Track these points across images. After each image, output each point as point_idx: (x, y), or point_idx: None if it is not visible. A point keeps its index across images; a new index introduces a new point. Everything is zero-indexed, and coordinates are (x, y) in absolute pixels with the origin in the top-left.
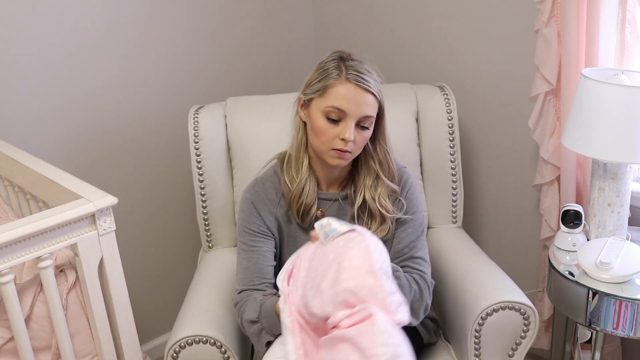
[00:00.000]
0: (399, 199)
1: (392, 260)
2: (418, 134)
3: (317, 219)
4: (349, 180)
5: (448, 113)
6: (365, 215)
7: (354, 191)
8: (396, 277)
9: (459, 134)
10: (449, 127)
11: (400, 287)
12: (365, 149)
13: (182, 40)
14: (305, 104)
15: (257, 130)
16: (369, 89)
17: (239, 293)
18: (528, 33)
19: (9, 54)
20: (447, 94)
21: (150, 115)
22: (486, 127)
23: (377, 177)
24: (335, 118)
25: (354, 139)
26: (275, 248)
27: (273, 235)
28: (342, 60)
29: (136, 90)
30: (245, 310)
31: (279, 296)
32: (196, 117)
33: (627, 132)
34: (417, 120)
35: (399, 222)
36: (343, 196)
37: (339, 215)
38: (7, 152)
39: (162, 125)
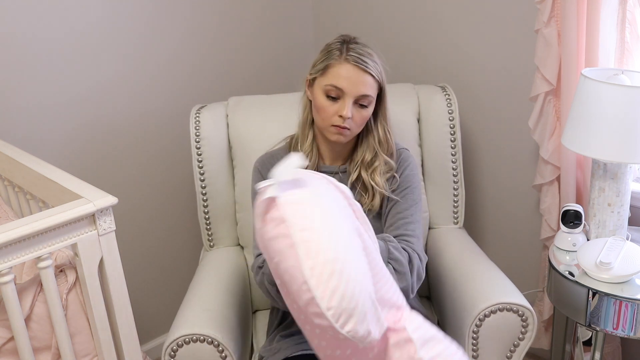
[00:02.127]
0: (394, 176)
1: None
2: (420, 134)
3: None
4: (351, 156)
5: (450, 113)
6: (359, 188)
7: (351, 166)
8: (391, 241)
9: (460, 134)
10: (451, 128)
11: (397, 249)
12: (367, 127)
13: (184, 40)
14: (311, 83)
15: (259, 130)
16: (367, 69)
17: (257, 256)
18: (528, 33)
19: (9, 54)
20: (448, 94)
21: (152, 114)
22: (486, 127)
23: (376, 154)
24: (334, 96)
25: (351, 116)
26: None
27: None
28: (346, 42)
29: (137, 90)
30: (268, 273)
31: None
32: (198, 116)
33: (627, 132)
34: (418, 120)
35: (391, 199)
36: (342, 169)
37: None
38: (7, 152)
39: (164, 125)
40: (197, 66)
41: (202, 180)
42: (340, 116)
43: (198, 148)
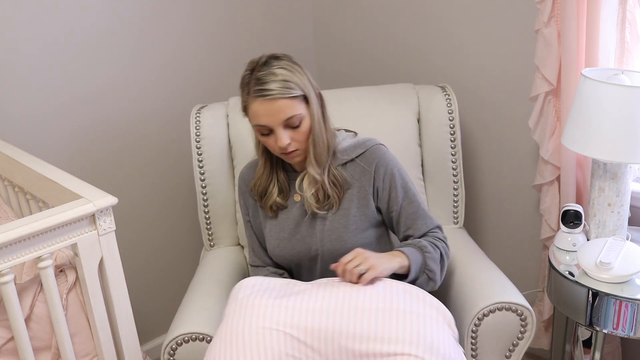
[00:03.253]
0: (373, 176)
1: (399, 236)
2: (419, 134)
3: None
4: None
5: (449, 113)
6: (330, 189)
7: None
8: (428, 252)
9: (460, 134)
10: (451, 128)
11: (434, 260)
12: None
13: (184, 40)
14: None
15: None
16: (274, 97)
17: (258, 266)
18: (528, 33)
19: (9, 53)
20: (448, 94)
21: (152, 114)
22: (486, 127)
23: (325, 158)
24: (266, 132)
25: (290, 141)
26: (250, 223)
27: (249, 214)
28: (252, 72)
29: (138, 90)
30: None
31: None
32: (198, 116)
33: (627, 132)
34: (418, 120)
35: (389, 199)
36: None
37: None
38: (7, 152)
39: (164, 125)
40: (198, 66)
41: (203, 180)
42: (279, 145)
43: (198, 148)
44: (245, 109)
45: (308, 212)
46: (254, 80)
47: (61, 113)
